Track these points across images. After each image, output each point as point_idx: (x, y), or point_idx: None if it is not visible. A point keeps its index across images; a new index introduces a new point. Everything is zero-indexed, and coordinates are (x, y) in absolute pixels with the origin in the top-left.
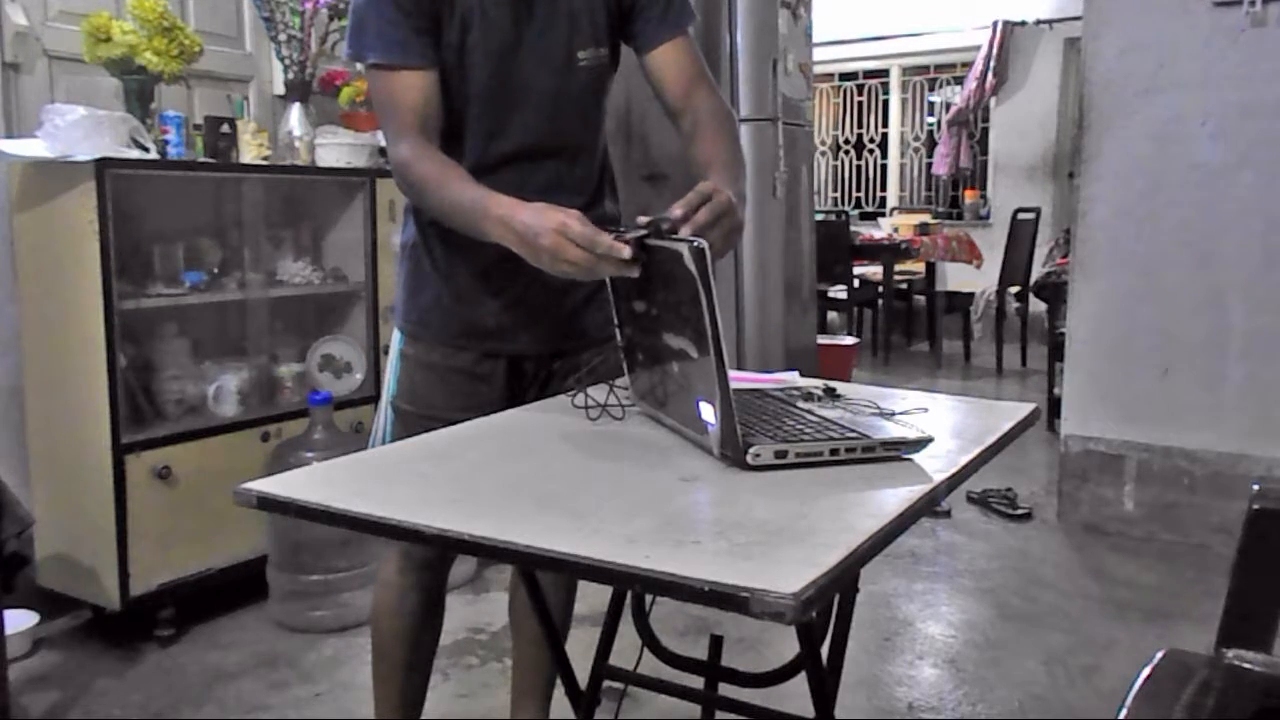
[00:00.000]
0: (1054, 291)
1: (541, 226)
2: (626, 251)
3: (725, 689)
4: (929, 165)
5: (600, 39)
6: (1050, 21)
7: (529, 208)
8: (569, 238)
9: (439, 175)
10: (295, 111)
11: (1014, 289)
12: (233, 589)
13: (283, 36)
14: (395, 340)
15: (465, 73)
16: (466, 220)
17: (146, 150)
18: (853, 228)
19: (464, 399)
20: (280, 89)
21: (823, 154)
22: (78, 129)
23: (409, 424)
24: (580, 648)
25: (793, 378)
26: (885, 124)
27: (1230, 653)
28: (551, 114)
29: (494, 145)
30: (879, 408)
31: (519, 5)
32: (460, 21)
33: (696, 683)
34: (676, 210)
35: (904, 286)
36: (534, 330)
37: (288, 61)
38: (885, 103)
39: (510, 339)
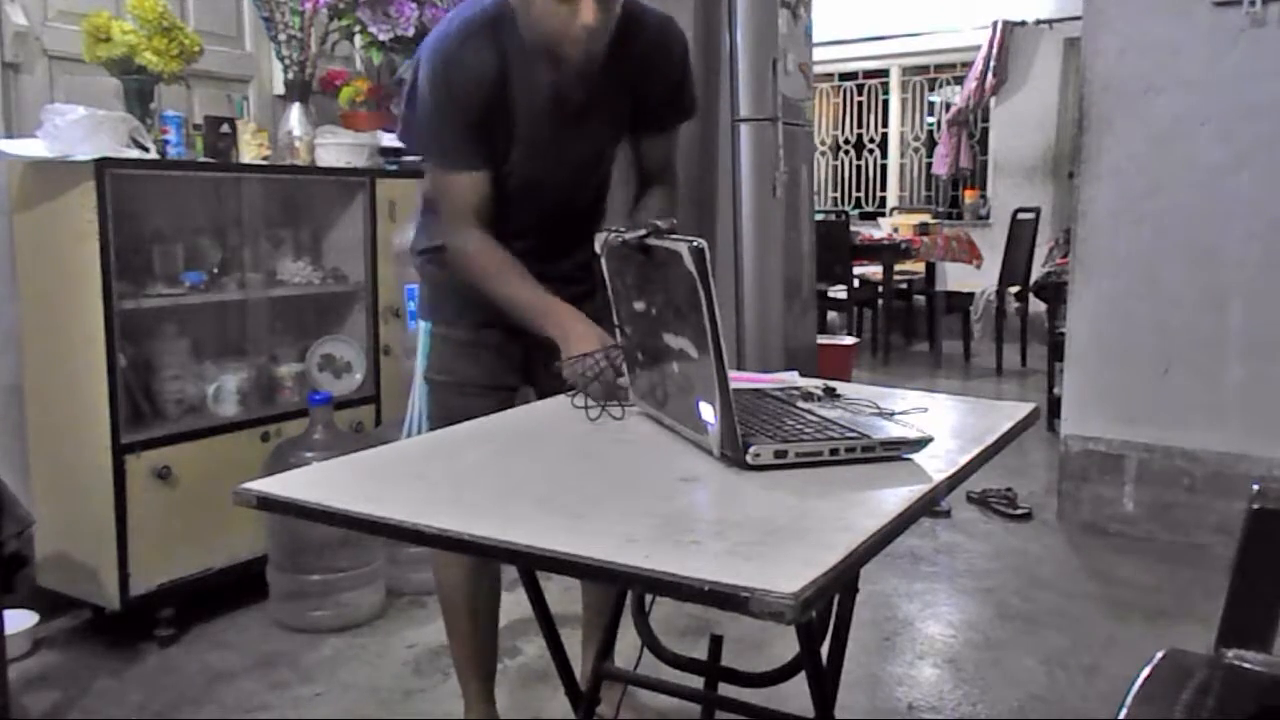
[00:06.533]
0: (1054, 291)
1: (588, 344)
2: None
3: (725, 689)
4: (929, 165)
5: (621, 134)
6: (1050, 21)
7: (581, 322)
8: (609, 360)
9: (500, 270)
10: (295, 111)
11: (1014, 289)
12: (233, 589)
13: (283, 36)
14: (424, 326)
15: (507, 171)
16: (524, 316)
17: (146, 150)
18: (853, 228)
19: (489, 370)
20: (280, 89)
21: (823, 154)
22: (78, 129)
23: (442, 394)
24: (581, 648)
25: (792, 378)
26: (885, 124)
27: (1230, 653)
28: (574, 198)
29: (524, 219)
30: (879, 408)
31: (563, 120)
32: (507, 132)
33: (696, 683)
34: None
35: (904, 286)
36: None
37: (288, 61)
38: (885, 103)
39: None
